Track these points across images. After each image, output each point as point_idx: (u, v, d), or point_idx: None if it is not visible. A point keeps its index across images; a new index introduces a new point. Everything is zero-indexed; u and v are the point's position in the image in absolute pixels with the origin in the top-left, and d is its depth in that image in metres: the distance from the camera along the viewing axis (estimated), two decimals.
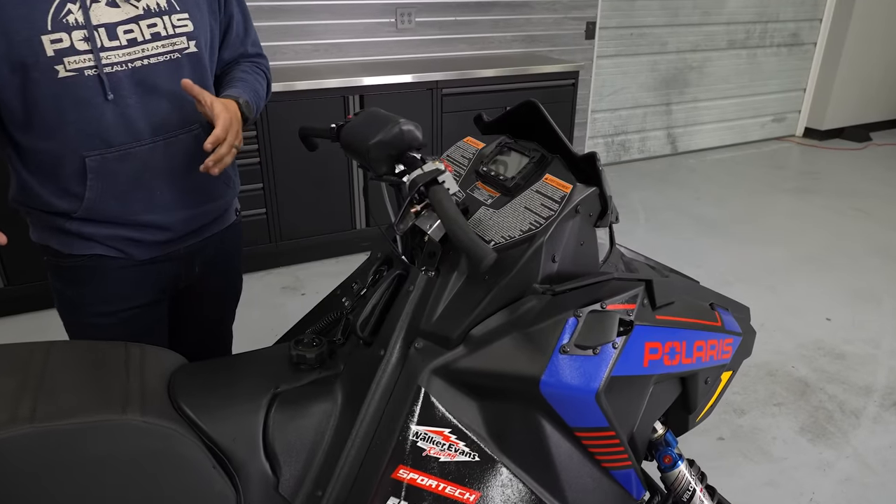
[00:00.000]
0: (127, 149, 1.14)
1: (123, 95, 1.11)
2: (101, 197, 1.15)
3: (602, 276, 1.00)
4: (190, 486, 0.89)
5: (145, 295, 1.28)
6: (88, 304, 1.24)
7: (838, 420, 2.24)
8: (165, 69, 1.15)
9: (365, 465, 0.95)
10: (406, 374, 0.98)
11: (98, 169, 1.12)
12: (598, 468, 1.01)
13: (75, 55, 1.05)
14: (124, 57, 1.10)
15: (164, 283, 1.31)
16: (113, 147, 1.12)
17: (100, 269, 1.21)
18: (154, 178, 1.18)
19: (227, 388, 1.01)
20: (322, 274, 3.23)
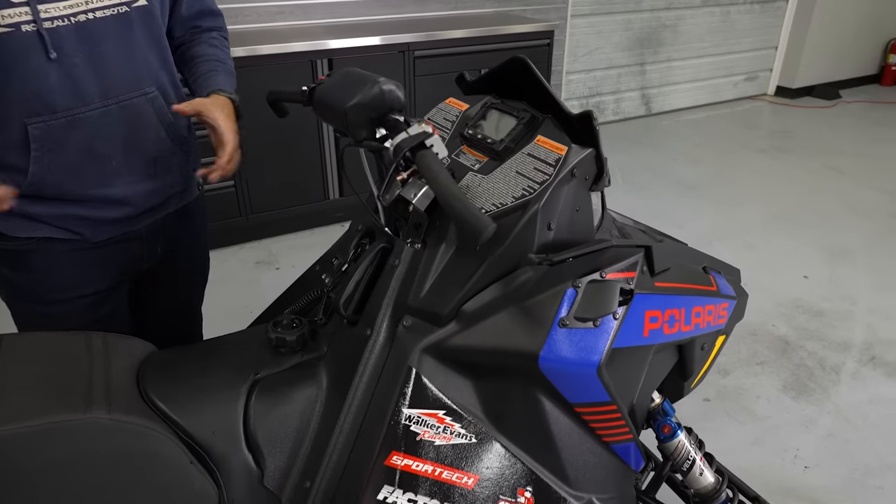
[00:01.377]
0: (75, 114, 1.03)
1: (68, 54, 0.99)
2: (48, 170, 1.04)
3: (600, 243, 0.94)
4: (167, 485, 0.82)
5: (102, 280, 1.18)
6: (38, 291, 1.14)
7: (819, 377, 2.26)
8: (114, 24, 1.03)
9: (355, 453, 0.89)
10: (395, 355, 0.92)
11: (42, 138, 1.02)
12: (598, 443, 0.97)
13: (9, 8, 0.93)
14: (66, 10, 0.98)
15: (123, 266, 1.21)
16: (59, 113, 1.01)
17: (49, 254, 1.11)
18: (107, 148, 1.08)
19: (202, 376, 0.94)
20: (296, 247, 3.13)
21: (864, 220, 3.40)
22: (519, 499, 0.90)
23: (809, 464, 1.89)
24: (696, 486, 1.15)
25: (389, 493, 0.86)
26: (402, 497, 0.86)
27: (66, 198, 1.07)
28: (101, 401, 0.81)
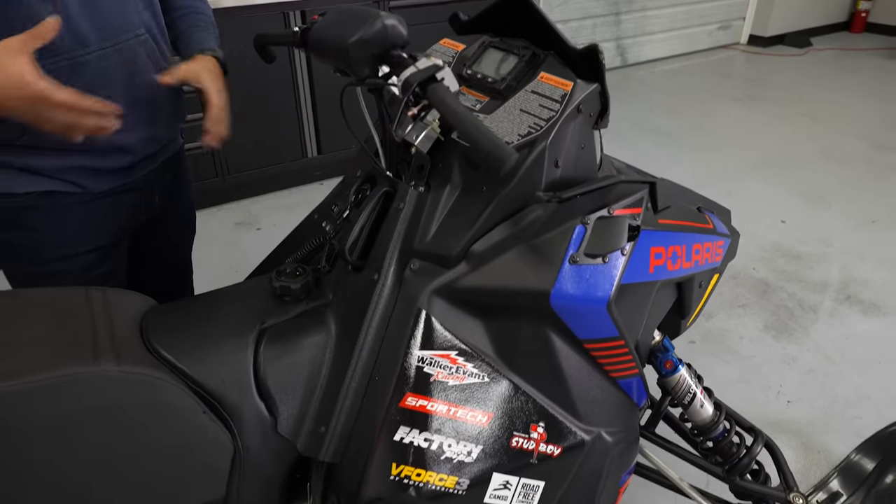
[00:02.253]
0: (75, 58, 0.98)
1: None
2: None
3: (608, 179, 0.93)
4: (181, 435, 0.81)
5: (104, 235, 1.15)
6: (38, 250, 1.10)
7: (798, 316, 2.33)
8: None
9: (368, 397, 0.89)
10: (404, 298, 0.91)
11: None
12: (606, 378, 0.99)
13: None
14: None
15: (125, 219, 1.18)
16: (60, 55, 0.96)
17: (51, 209, 1.06)
18: (108, 93, 1.03)
19: (208, 327, 0.92)
20: (276, 207, 3.07)
21: (838, 166, 3.47)
22: (532, 434, 0.91)
23: (792, 398, 1.96)
24: (697, 419, 1.18)
25: (406, 434, 0.86)
26: (419, 437, 0.86)
27: (70, 148, 1.02)
28: (109, 353, 0.79)
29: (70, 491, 0.75)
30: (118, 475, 0.78)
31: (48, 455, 0.73)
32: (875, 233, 2.84)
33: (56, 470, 0.74)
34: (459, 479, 0.87)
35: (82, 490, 0.76)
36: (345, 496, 0.88)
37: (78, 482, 0.75)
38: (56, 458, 0.74)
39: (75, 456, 0.75)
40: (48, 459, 0.73)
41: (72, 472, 0.75)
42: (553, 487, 0.94)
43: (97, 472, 0.76)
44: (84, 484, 0.76)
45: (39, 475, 0.73)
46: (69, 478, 0.75)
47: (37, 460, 0.73)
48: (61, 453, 0.74)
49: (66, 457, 0.74)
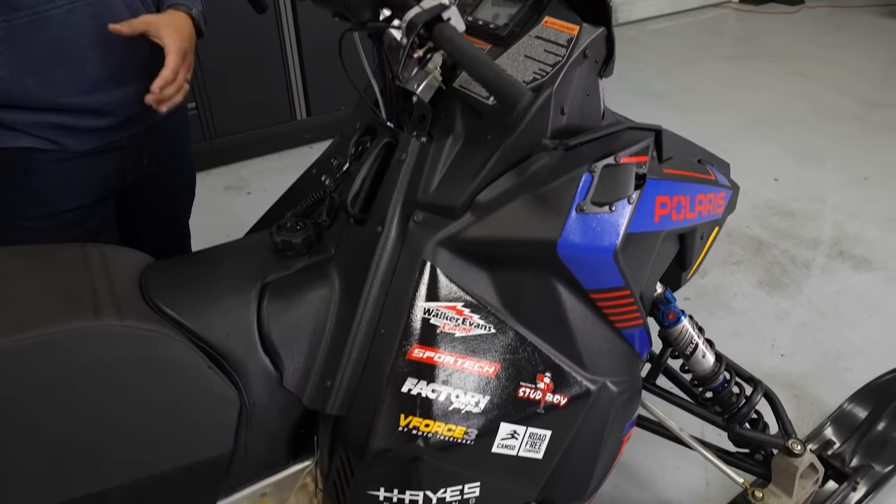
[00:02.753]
0: (40, 13, 0.93)
1: None
2: (16, 75, 0.95)
3: (615, 125, 0.92)
4: (186, 391, 0.80)
5: (86, 194, 1.11)
6: (20, 207, 1.07)
7: (791, 272, 2.34)
8: None
9: (374, 350, 0.88)
10: (408, 250, 0.90)
11: (6, 39, 0.92)
12: (611, 329, 0.99)
13: None
14: None
15: (109, 179, 1.14)
16: (21, 11, 0.92)
17: (31, 165, 1.03)
18: (78, 50, 0.99)
19: (209, 283, 0.91)
20: (266, 171, 3.03)
21: (830, 124, 3.46)
22: (538, 384, 0.91)
23: (785, 352, 1.98)
24: (698, 369, 1.19)
25: (413, 386, 0.86)
26: (426, 388, 0.86)
27: (41, 106, 0.99)
28: (110, 308, 0.77)
29: (76, 446, 0.74)
30: (124, 430, 0.77)
31: (52, 411, 0.72)
32: (867, 189, 2.85)
33: (60, 426, 0.73)
34: (467, 429, 0.87)
35: (88, 445, 0.75)
36: (352, 449, 0.88)
37: (83, 438, 0.74)
38: (60, 414, 0.72)
39: (79, 411, 0.74)
40: (52, 415, 0.72)
41: (76, 427, 0.74)
42: (559, 436, 0.94)
43: (102, 427, 0.75)
44: (90, 439, 0.75)
45: (44, 431, 0.72)
46: (74, 433, 0.74)
47: (40, 416, 0.71)
48: (65, 409, 0.73)
49: (69, 413, 0.73)
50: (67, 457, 0.73)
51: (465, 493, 0.91)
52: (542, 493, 0.98)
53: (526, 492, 0.97)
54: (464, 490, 0.91)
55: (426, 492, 0.89)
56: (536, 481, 0.96)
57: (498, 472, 0.92)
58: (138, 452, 0.78)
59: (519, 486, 0.95)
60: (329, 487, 0.94)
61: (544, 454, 0.94)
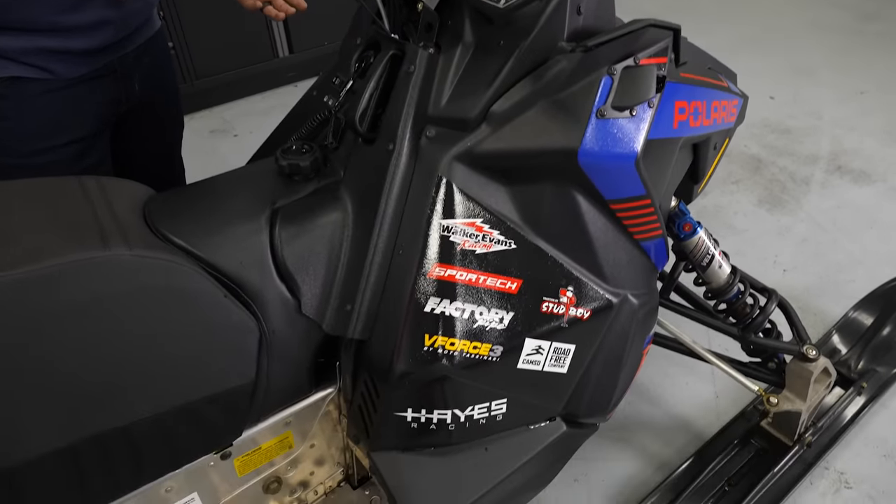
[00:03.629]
0: None
1: None
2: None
3: (635, 23, 0.87)
4: (205, 320, 0.78)
5: (82, 126, 1.06)
6: (15, 143, 1.01)
7: (791, 189, 2.33)
8: None
9: (393, 271, 0.85)
10: (422, 167, 0.86)
11: None
12: (630, 241, 0.97)
13: None
14: None
15: (103, 108, 1.09)
16: None
17: (20, 97, 0.97)
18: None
19: (217, 211, 0.87)
20: (250, 112, 2.93)
21: (826, 37, 3.39)
22: (561, 298, 0.90)
23: (787, 267, 1.99)
24: (714, 280, 1.18)
25: (436, 305, 0.84)
26: (450, 307, 0.84)
27: (29, 27, 0.92)
28: (117, 238, 0.73)
29: (94, 380, 0.71)
30: (142, 362, 0.74)
31: (66, 345, 0.69)
32: (863, 103, 2.81)
33: (76, 360, 0.70)
34: (493, 345, 0.86)
35: (107, 379, 0.72)
36: (377, 372, 0.86)
37: (101, 371, 0.72)
38: (75, 349, 0.69)
39: (94, 345, 0.71)
40: (67, 350, 0.69)
41: (93, 361, 0.71)
42: (583, 350, 0.94)
43: (120, 360, 0.73)
44: (108, 373, 0.72)
45: (60, 366, 0.69)
46: (91, 367, 0.71)
47: (55, 351, 0.68)
48: (79, 343, 0.69)
49: (84, 346, 0.70)
50: (86, 391, 0.71)
51: (493, 409, 0.91)
52: (566, 407, 0.98)
53: (551, 407, 0.97)
54: (491, 407, 0.90)
55: (454, 410, 0.88)
56: (561, 396, 0.96)
57: (524, 388, 0.91)
58: (160, 384, 0.76)
59: (544, 401, 0.95)
60: (354, 413, 0.93)
61: (569, 369, 0.93)
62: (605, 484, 1.42)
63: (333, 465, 1.06)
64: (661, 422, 1.55)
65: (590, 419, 1.04)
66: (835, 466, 1.44)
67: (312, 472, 1.03)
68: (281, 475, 0.98)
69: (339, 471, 1.07)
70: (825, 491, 1.40)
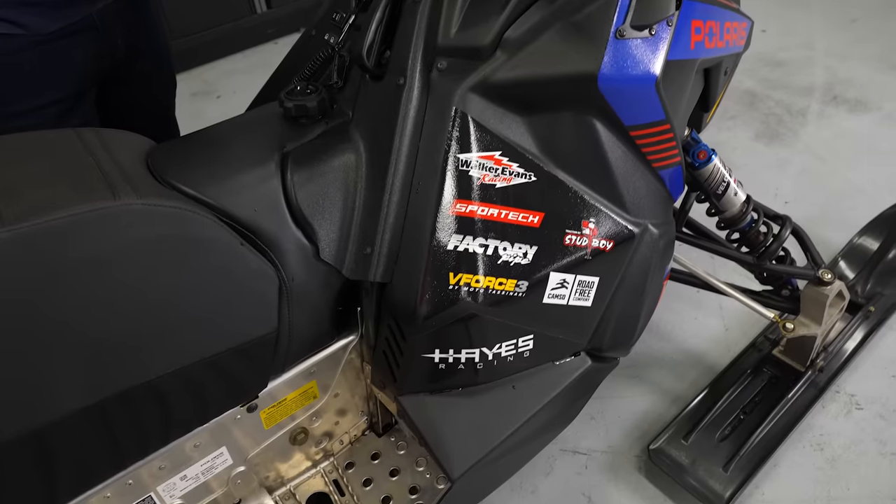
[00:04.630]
0: None
1: None
2: None
3: None
4: (223, 268, 0.75)
5: (63, 85, 1.01)
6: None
7: (787, 122, 2.31)
8: None
9: (412, 210, 0.83)
10: (435, 101, 0.83)
11: None
12: (649, 169, 0.94)
13: None
14: None
15: (85, 65, 1.03)
16: None
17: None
18: None
19: (224, 158, 0.83)
20: (232, 72, 2.84)
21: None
22: (584, 230, 0.88)
23: (788, 198, 1.99)
24: (729, 208, 1.17)
25: (459, 242, 0.81)
26: (473, 243, 0.82)
27: None
28: (125, 188, 0.70)
29: (114, 336, 0.69)
30: (163, 315, 0.72)
31: (83, 300, 0.66)
32: (856, 31, 2.78)
33: (94, 315, 0.67)
34: (518, 281, 0.84)
35: (128, 333, 0.70)
36: (401, 315, 0.85)
37: (121, 326, 0.69)
38: (90, 304, 0.66)
39: (112, 299, 0.67)
40: (82, 305, 0.66)
41: (111, 316, 0.68)
42: (607, 282, 0.92)
43: (139, 314, 0.70)
44: (128, 327, 0.69)
45: (77, 322, 0.66)
46: (110, 322, 0.68)
47: (72, 306, 0.65)
48: (96, 297, 0.66)
49: (102, 300, 0.67)
50: (108, 346, 0.68)
51: (520, 346, 0.90)
52: (591, 341, 0.98)
53: (577, 341, 0.96)
54: (518, 344, 0.89)
55: (482, 348, 0.87)
56: (586, 329, 0.95)
57: (550, 323, 0.90)
58: (182, 337, 0.74)
59: (570, 335, 0.94)
60: (378, 359, 0.91)
61: (593, 301, 0.92)
62: (622, 420, 1.44)
63: (357, 414, 1.05)
64: (672, 357, 1.56)
65: (613, 352, 1.03)
66: (845, 389, 1.46)
67: (337, 422, 1.02)
68: (307, 426, 0.97)
69: (363, 419, 1.06)
70: (837, 413, 1.42)
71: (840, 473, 1.31)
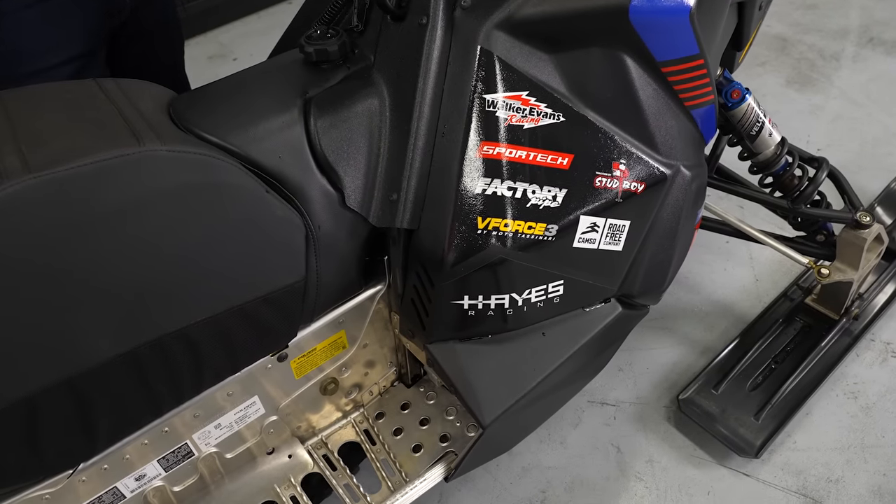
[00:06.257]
0: None
1: None
2: None
3: None
4: (250, 215, 0.74)
5: (75, 42, 1.00)
6: (8, 63, 0.95)
7: (820, 66, 2.23)
8: None
9: (438, 154, 0.81)
10: (460, 40, 0.80)
11: None
12: (682, 109, 0.91)
13: None
14: None
15: (94, 22, 1.01)
16: None
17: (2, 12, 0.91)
18: None
19: (246, 105, 0.82)
20: (247, 34, 2.80)
21: None
22: (615, 172, 0.85)
23: (821, 146, 1.92)
24: (763, 149, 1.13)
25: (487, 185, 0.80)
26: (501, 186, 0.80)
27: None
28: (149, 135, 0.69)
29: (145, 282, 0.69)
30: (191, 263, 0.71)
31: (110, 247, 0.65)
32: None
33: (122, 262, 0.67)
34: (548, 224, 0.83)
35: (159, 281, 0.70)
36: (429, 262, 0.83)
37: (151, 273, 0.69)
38: (119, 250, 0.66)
39: (139, 245, 0.67)
40: (111, 252, 0.65)
41: (140, 262, 0.68)
42: (638, 225, 0.90)
43: (167, 261, 0.70)
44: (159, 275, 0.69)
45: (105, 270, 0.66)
46: (138, 270, 0.68)
47: (99, 253, 0.65)
48: (123, 244, 0.66)
49: (129, 247, 0.66)
50: (138, 294, 0.68)
51: (550, 292, 0.88)
52: (621, 287, 0.96)
53: (608, 287, 0.94)
54: (548, 289, 0.88)
55: (511, 294, 0.86)
56: (617, 275, 0.93)
57: (580, 268, 0.89)
58: (211, 285, 0.73)
59: (601, 280, 0.92)
60: (406, 307, 0.91)
61: (624, 245, 0.90)
62: (650, 371, 1.43)
63: (386, 365, 1.05)
64: (701, 308, 1.54)
65: (644, 299, 1.02)
66: (881, 337, 1.43)
67: (366, 373, 1.03)
68: (336, 376, 0.98)
69: (391, 370, 1.07)
70: (872, 361, 1.39)
71: (875, 421, 1.29)
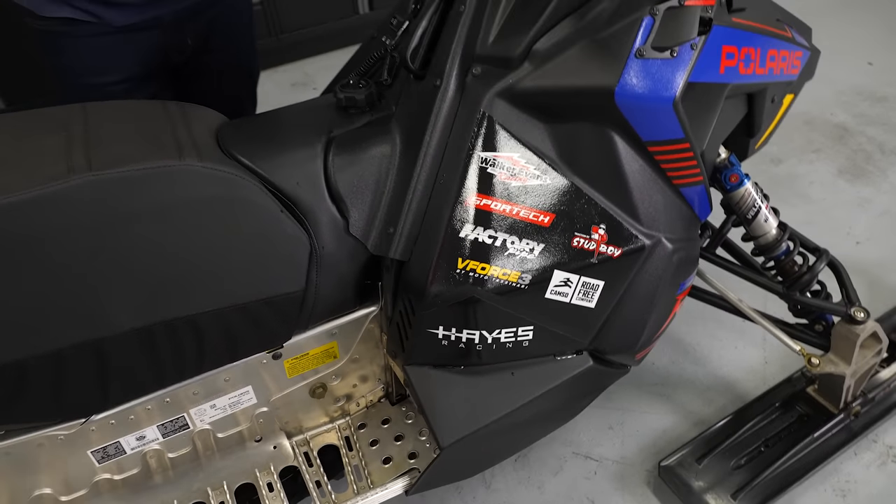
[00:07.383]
0: None
1: None
2: None
3: None
4: (262, 230, 0.88)
5: (127, 68, 1.19)
6: (72, 76, 1.17)
7: (877, 160, 2.21)
8: None
9: (434, 198, 0.92)
10: (467, 102, 0.92)
11: None
12: (669, 185, 0.99)
13: None
14: None
15: (150, 55, 1.21)
16: None
17: (74, 36, 1.11)
18: None
19: (280, 137, 0.96)
20: (331, 67, 3.01)
21: None
22: (593, 235, 0.94)
23: (861, 239, 1.91)
24: (761, 235, 1.18)
25: (471, 231, 0.90)
26: (483, 234, 0.90)
27: None
28: (191, 151, 0.84)
29: (165, 273, 0.83)
30: (207, 262, 0.85)
31: (142, 239, 0.80)
32: None
33: (150, 254, 0.81)
34: (522, 273, 0.92)
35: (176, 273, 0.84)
36: (413, 291, 0.94)
37: (171, 266, 0.83)
38: (149, 243, 0.81)
39: (166, 242, 0.82)
40: (142, 244, 0.80)
41: (164, 257, 0.82)
42: (612, 287, 0.97)
43: (187, 258, 0.84)
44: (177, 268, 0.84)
45: (135, 257, 0.81)
46: (162, 262, 0.82)
47: (133, 243, 0.80)
48: (153, 239, 0.81)
49: (157, 242, 0.81)
50: (158, 281, 0.82)
51: (519, 335, 0.97)
52: (593, 342, 1.03)
53: (578, 339, 1.01)
54: (518, 332, 0.96)
55: (482, 331, 0.95)
56: (588, 330, 1.00)
57: (551, 318, 0.97)
58: (221, 283, 0.87)
59: (571, 332, 1.00)
60: (392, 329, 1.01)
61: (597, 304, 0.98)
62: (640, 434, 1.46)
63: (375, 382, 1.15)
64: (704, 381, 1.56)
65: (617, 357, 1.08)
66: (884, 440, 1.40)
67: (355, 385, 1.13)
68: (326, 382, 1.09)
69: (379, 387, 1.17)
70: (869, 462, 1.37)
71: None
